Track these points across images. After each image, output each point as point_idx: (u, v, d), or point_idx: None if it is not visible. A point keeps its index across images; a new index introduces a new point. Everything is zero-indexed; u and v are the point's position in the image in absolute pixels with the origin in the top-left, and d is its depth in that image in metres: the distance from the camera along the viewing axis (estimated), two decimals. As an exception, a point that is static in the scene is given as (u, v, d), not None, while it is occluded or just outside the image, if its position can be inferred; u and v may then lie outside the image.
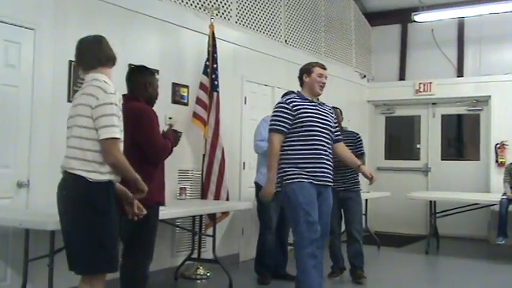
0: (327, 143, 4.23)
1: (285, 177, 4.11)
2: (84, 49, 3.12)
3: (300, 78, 4.44)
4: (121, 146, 3.02)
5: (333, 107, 5.82)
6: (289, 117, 4.15)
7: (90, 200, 2.91)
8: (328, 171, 4.19)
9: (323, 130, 4.21)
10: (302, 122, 4.14)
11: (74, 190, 2.94)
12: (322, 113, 4.29)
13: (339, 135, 4.48)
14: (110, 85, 3.02)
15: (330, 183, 4.22)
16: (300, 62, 7.72)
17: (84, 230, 2.92)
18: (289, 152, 4.15)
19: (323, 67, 4.43)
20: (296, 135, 4.14)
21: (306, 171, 4.08)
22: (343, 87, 8.99)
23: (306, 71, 4.41)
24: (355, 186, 5.71)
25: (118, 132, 2.95)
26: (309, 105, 4.25)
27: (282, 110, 4.18)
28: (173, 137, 4.00)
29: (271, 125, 4.21)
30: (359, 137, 5.82)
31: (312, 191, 4.09)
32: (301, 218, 4.02)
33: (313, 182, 4.09)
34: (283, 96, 4.32)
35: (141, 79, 3.87)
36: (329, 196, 4.26)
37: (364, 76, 9.79)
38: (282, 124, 4.15)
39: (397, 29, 9.89)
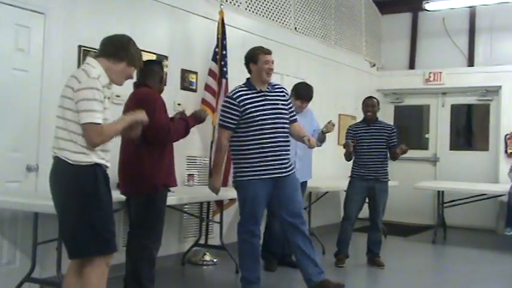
0: (280, 131, 4.23)
1: (237, 174, 4.24)
2: (105, 40, 3.16)
3: (247, 66, 4.35)
4: (102, 130, 2.96)
5: (370, 97, 5.86)
6: (236, 113, 4.16)
7: (79, 184, 2.93)
8: (282, 161, 4.24)
9: (273, 120, 4.19)
10: (250, 117, 4.15)
11: (62, 174, 2.97)
12: (271, 101, 4.25)
13: (294, 115, 4.47)
14: (96, 70, 3.00)
15: (286, 173, 4.25)
16: (309, 49, 7.78)
17: (74, 214, 2.94)
18: (240, 147, 4.22)
19: (268, 52, 4.32)
20: (245, 130, 4.18)
21: (256, 167, 4.16)
22: (353, 76, 8.95)
23: (251, 59, 4.31)
24: (385, 176, 5.77)
25: (99, 118, 2.92)
26: (256, 96, 4.21)
27: (229, 106, 4.18)
28: (195, 116, 4.11)
29: (219, 120, 4.27)
30: (394, 130, 5.86)
31: (259, 187, 4.17)
32: (245, 211, 4.26)
33: (265, 176, 4.17)
34: (235, 88, 4.28)
35: (158, 71, 4.06)
36: (290, 182, 4.28)
37: (374, 65, 9.74)
38: (229, 120, 4.17)
39: (408, 17, 9.82)
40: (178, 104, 5.48)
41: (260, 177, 4.18)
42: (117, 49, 3.10)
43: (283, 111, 4.30)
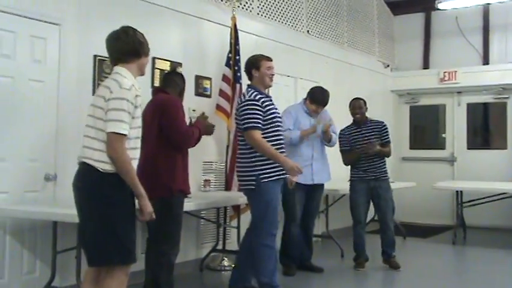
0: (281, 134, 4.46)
1: (260, 175, 4.23)
2: (110, 43, 3.13)
3: (248, 72, 4.51)
4: (128, 143, 2.96)
5: (357, 98, 5.85)
6: (262, 113, 4.27)
7: (103, 191, 2.92)
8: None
9: (281, 123, 4.46)
10: (270, 118, 4.31)
11: (87, 181, 2.96)
12: (275, 106, 4.46)
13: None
14: (128, 80, 2.99)
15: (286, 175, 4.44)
16: (322, 52, 7.78)
17: (97, 222, 2.92)
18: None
19: (270, 59, 4.53)
20: (266, 130, 4.28)
21: (279, 166, 4.28)
22: (366, 77, 8.93)
23: (253, 65, 4.48)
24: (385, 174, 5.74)
25: (125, 129, 2.92)
26: (268, 100, 4.40)
27: (255, 107, 4.26)
28: (203, 124, 4.11)
29: (248, 122, 4.24)
30: (385, 126, 5.81)
31: (279, 187, 4.35)
32: (270, 214, 4.25)
33: (281, 178, 4.33)
34: (248, 92, 4.39)
35: (180, 82, 4.11)
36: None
37: (388, 65, 9.71)
38: (258, 121, 4.24)
39: (421, 17, 9.78)
40: (193, 110, 5.50)
41: (282, 176, 4.33)
42: (129, 46, 3.08)
43: (281, 116, 4.56)
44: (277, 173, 4.28)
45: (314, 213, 5.65)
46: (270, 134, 4.29)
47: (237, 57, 5.76)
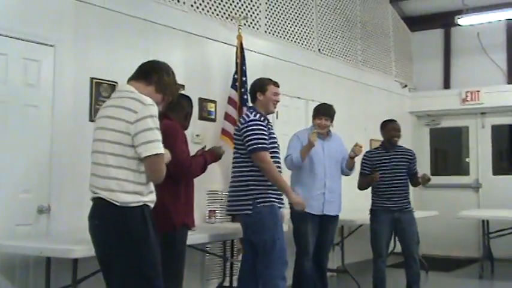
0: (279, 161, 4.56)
1: (258, 199, 4.30)
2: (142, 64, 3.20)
3: (253, 94, 4.60)
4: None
5: (393, 120, 5.86)
6: (267, 135, 4.36)
7: (126, 228, 2.84)
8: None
9: (278, 151, 4.53)
10: (272, 142, 4.41)
11: (106, 219, 2.88)
12: (272, 131, 4.55)
13: None
14: (146, 97, 2.97)
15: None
16: (335, 72, 7.80)
17: (123, 261, 2.85)
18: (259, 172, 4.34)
19: (277, 85, 4.63)
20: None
21: (276, 194, 4.39)
22: (383, 98, 8.93)
23: (259, 88, 4.56)
24: (409, 205, 5.71)
25: (160, 148, 2.90)
26: (270, 124, 4.52)
27: (261, 128, 4.36)
28: (213, 153, 4.20)
29: (256, 143, 4.29)
30: (415, 155, 5.81)
31: (280, 214, 4.45)
32: (280, 248, 4.30)
33: (280, 206, 4.44)
34: (251, 112, 4.49)
35: (186, 107, 4.11)
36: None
37: (405, 85, 9.72)
38: (266, 141, 4.34)
39: (440, 33, 9.81)
40: (197, 135, 5.51)
41: (279, 205, 4.44)
42: (148, 71, 3.11)
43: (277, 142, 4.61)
44: (278, 198, 4.39)
45: (328, 245, 5.58)
46: (272, 160, 4.38)
47: (244, 79, 5.78)
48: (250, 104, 4.68)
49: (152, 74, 3.10)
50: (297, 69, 7.02)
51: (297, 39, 7.18)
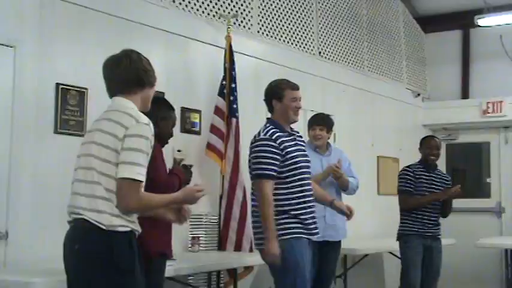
0: (311, 183, 4.37)
1: (279, 232, 4.12)
2: (108, 69, 3.13)
3: (269, 103, 4.42)
4: (143, 196, 2.94)
5: (433, 136, 5.93)
6: (278, 157, 4.17)
7: (111, 256, 2.83)
8: (316, 220, 4.34)
9: (308, 168, 4.33)
10: (293, 163, 4.21)
11: (89, 243, 2.86)
12: (301, 145, 4.38)
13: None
14: (142, 114, 2.99)
15: (318, 234, 4.36)
16: (337, 78, 7.82)
17: None
18: (283, 198, 4.19)
19: (296, 87, 4.44)
20: (286, 179, 4.19)
21: (305, 224, 4.21)
22: (392, 109, 8.96)
23: (274, 94, 4.38)
24: (440, 232, 5.80)
25: (141, 174, 2.87)
26: (290, 139, 4.30)
27: (270, 149, 4.16)
28: (183, 173, 4.07)
29: (257, 168, 4.16)
30: (451, 182, 5.88)
31: (307, 249, 4.23)
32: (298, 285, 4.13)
33: (310, 237, 4.25)
34: (264, 128, 4.31)
35: (153, 110, 4.00)
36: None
37: (418, 94, 9.76)
38: (272, 168, 4.14)
39: (457, 35, 9.88)
40: (178, 151, 5.48)
41: (307, 236, 4.22)
42: (135, 79, 3.10)
43: (309, 162, 4.39)
44: (302, 229, 4.20)
45: (329, 277, 5.57)
46: (290, 185, 4.20)
47: (233, 85, 5.78)
48: (239, 115, 4.54)
49: (143, 79, 3.15)
50: (294, 75, 6.99)
51: (294, 40, 7.20)
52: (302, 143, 4.45)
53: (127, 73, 3.08)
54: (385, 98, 8.79)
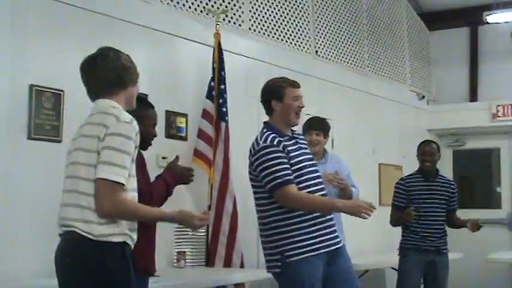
0: (320, 189, 4.24)
1: (288, 252, 4.05)
2: (85, 71, 3.12)
3: (267, 104, 4.31)
4: (127, 195, 2.96)
5: (428, 141, 5.91)
6: (287, 161, 4.09)
7: (104, 269, 2.86)
8: (332, 226, 4.21)
9: (315, 174, 4.24)
10: (297, 169, 4.12)
11: (79, 255, 2.89)
12: (305, 149, 4.31)
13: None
14: (124, 112, 3.01)
15: (340, 243, 4.23)
16: (335, 79, 7.82)
17: None
18: (284, 214, 4.08)
19: (297, 85, 4.32)
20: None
21: (312, 239, 4.06)
22: (395, 112, 8.98)
23: (274, 95, 4.25)
24: (446, 246, 5.84)
25: (120, 175, 2.87)
26: (291, 144, 4.22)
27: (277, 154, 4.07)
28: (174, 172, 4.03)
29: (274, 179, 4.03)
30: (456, 188, 5.94)
31: (318, 266, 4.09)
32: None
33: (321, 250, 4.09)
34: (262, 134, 4.21)
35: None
36: (345, 257, 4.29)
37: (423, 97, 9.78)
38: (287, 172, 4.05)
39: (465, 33, 9.92)
40: (163, 158, 5.47)
41: (318, 251, 4.08)
42: (115, 79, 3.09)
43: (315, 166, 4.33)
44: (312, 247, 4.07)
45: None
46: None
47: (222, 87, 5.78)
48: (228, 119, 4.45)
49: (124, 78, 3.15)
50: (289, 76, 6.85)
51: (288, 38, 7.21)
52: (305, 145, 4.40)
53: (106, 74, 3.07)
54: (387, 101, 8.80)
